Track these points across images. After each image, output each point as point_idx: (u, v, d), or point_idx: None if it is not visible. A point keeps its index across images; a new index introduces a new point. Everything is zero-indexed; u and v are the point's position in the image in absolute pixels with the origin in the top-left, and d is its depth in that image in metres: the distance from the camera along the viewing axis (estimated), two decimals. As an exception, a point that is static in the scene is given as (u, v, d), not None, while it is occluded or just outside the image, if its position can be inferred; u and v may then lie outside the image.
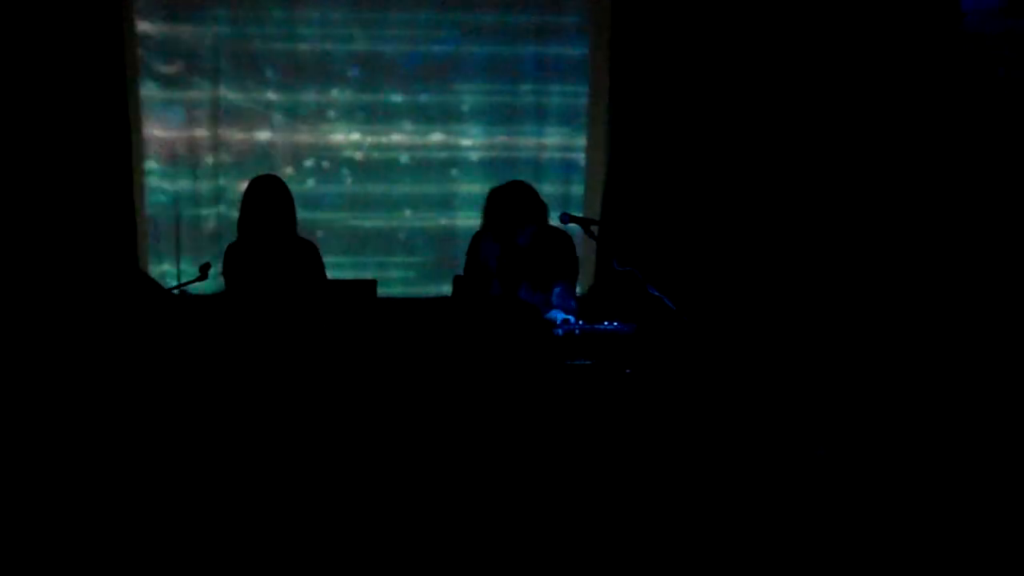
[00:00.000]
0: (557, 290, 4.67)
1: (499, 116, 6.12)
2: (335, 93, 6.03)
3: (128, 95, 5.79)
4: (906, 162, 5.70)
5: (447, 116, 6.10)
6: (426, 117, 6.08)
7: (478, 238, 4.75)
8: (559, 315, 4.51)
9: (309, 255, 4.64)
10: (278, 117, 5.99)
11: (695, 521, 3.88)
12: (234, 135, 5.97)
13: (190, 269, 5.70)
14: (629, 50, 6.00)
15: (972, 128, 5.57)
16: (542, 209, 4.66)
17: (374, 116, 6.06)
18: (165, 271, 5.96)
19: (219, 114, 5.93)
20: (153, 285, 5.45)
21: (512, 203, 4.63)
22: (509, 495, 4.00)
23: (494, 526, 3.82)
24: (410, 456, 4.28)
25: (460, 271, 4.93)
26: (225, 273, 4.67)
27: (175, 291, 5.00)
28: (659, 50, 5.96)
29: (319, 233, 5.87)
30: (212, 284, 5.09)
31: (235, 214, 5.82)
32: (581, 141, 6.18)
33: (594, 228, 4.69)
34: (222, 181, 5.98)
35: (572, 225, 4.62)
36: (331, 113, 6.04)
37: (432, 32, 6.03)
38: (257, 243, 4.60)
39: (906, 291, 5.60)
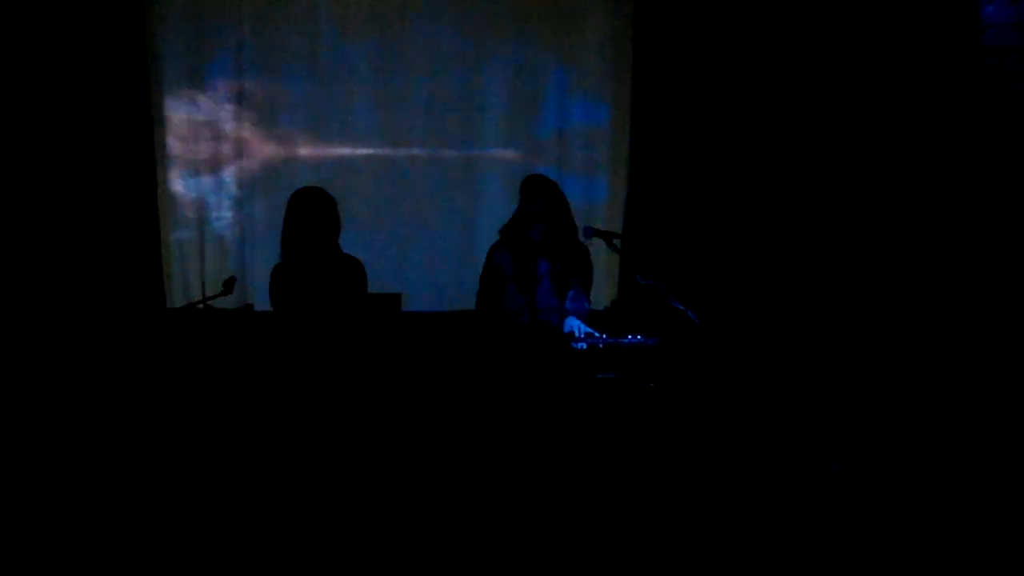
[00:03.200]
0: (570, 293, 4.70)
1: (521, 132, 6.13)
2: (356, 110, 6.07)
3: (152, 109, 5.84)
4: (929, 177, 5.68)
5: (469, 133, 6.12)
6: (448, 134, 6.10)
7: (493, 248, 4.83)
8: (575, 324, 4.51)
9: (354, 273, 4.47)
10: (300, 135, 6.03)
11: (716, 533, 3.87)
12: (256, 149, 6.01)
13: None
14: (651, 64, 6.02)
15: (993, 143, 5.54)
16: (555, 191, 4.69)
17: (394, 134, 6.08)
18: (190, 285, 5.98)
19: (242, 130, 5.98)
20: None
21: (526, 180, 4.75)
22: (532, 506, 4.00)
23: (516, 536, 3.82)
24: (435, 467, 4.29)
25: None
26: (272, 295, 4.49)
27: (200, 305, 5.03)
28: (681, 63, 5.97)
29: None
30: (236, 299, 5.13)
31: (257, 226, 5.97)
32: (603, 155, 6.19)
33: (617, 241, 4.69)
34: (246, 194, 6.02)
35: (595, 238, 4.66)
36: (352, 130, 6.07)
37: (454, 53, 6.06)
38: (301, 261, 4.42)
39: (934, 308, 5.56)
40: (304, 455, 4.23)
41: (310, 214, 4.39)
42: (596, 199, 6.17)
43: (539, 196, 4.63)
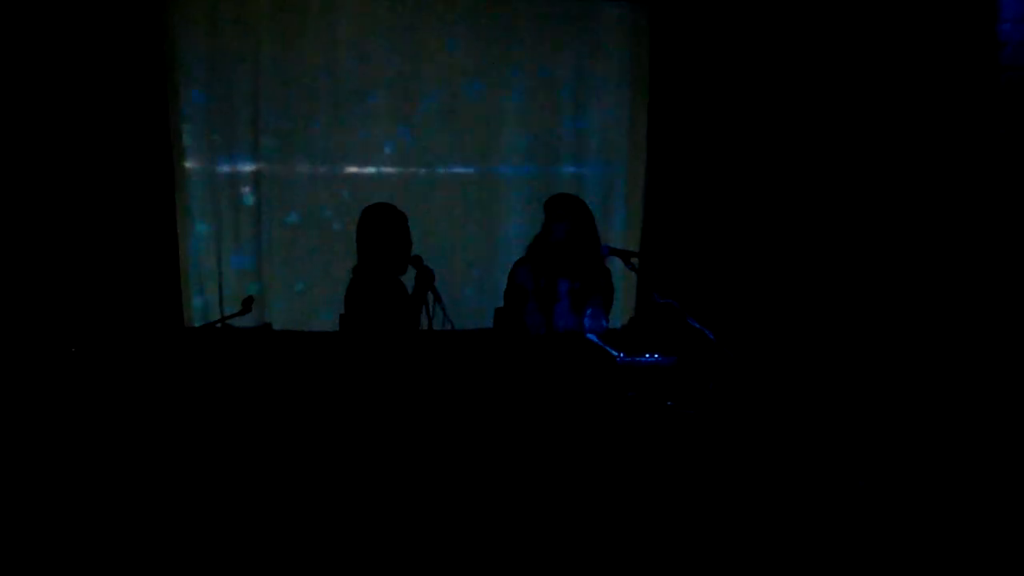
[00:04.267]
0: (589, 311, 4.69)
1: (538, 150, 6.16)
2: (374, 129, 6.09)
3: (171, 130, 5.88)
4: (949, 196, 5.66)
5: (487, 150, 6.14)
6: (466, 151, 6.12)
7: (516, 265, 4.82)
8: (593, 341, 4.51)
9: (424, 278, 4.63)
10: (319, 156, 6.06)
11: (738, 551, 3.86)
12: (275, 168, 6.04)
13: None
14: (667, 83, 6.04)
15: (1011, 159, 5.53)
16: (583, 210, 4.69)
17: (412, 152, 6.10)
18: (208, 303, 5.99)
19: (261, 149, 6.01)
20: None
21: (552, 198, 4.77)
22: (548, 521, 4.00)
23: (534, 550, 3.82)
24: (450, 483, 4.30)
25: (500, 303, 4.96)
26: (350, 301, 4.66)
27: (218, 325, 5.05)
28: (699, 79, 5.99)
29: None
30: (254, 318, 5.15)
31: (275, 245, 6.00)
32: (620, 174, 6.20)
33: (634, 260, 4.70)
34: (265, 212, 6.04)
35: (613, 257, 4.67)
36: (370, 148, 6.09)
37: (471, 71, 6.09)
38: (374, 273, 4.60)
39: (958, 326, 5.54)
40: (326, 474, 4.25)
41: (375, 229, 4.60)
42: (614, 217, 6.17)
43: (563, 217, 4.63)
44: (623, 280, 5.66)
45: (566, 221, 4.63)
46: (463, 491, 4.25)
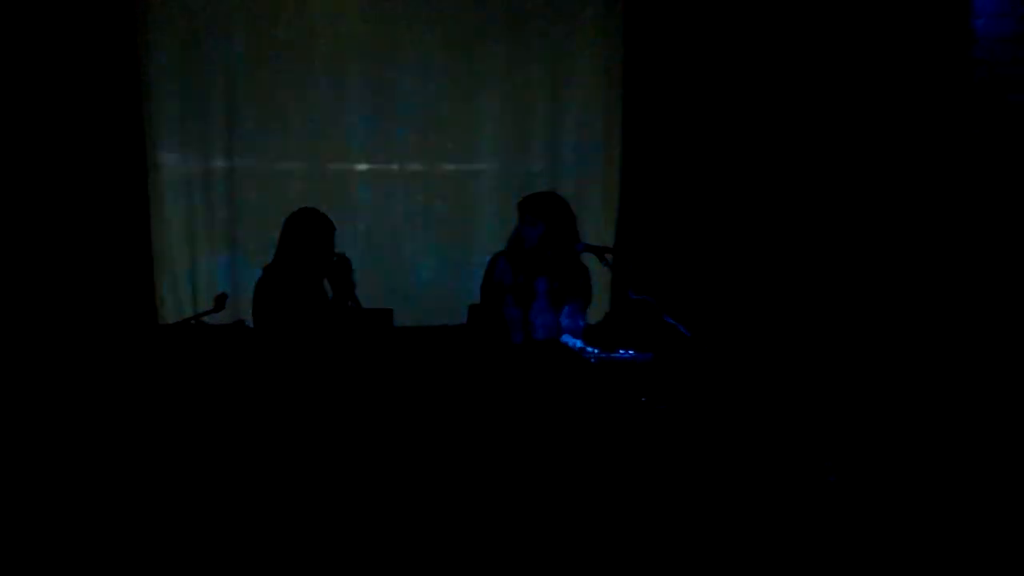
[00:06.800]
0: (566, 310, 4.65)
1: (513, 145, 6.15)
2: (349, 125, 6.07)
3: (144, 125, 5.83)
4: (921, 188, 5.70)
5: (461, 146, 6.13)
6: (440, 148, 6.11)
7: (495, 259, 4.76)
8: (570, 340, 4.50)
9: (341, 270, 4.55)
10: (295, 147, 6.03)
11: (711, 547, 3.87)
12: (249, 164, 6.01)
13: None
14: (641, 80, 6.05)
15: (983, 151, 5.56)
16: (557, 210, 4.63)
17: (387, 148, 6.08)
18: (181, 300, 5.95)
19: (235, 146, 5.97)
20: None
21: (524, 200, 4.67)
22: (525, 521, 4.00)
23: (509, 547, 3.82)
24: (430, 482, 4.29)
25: (474, 299, 4.94)
26: (258, 305, 4.56)
27: (192, 322, 5.03)
28: (672, 77, 6.00)
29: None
30: (229, 315, 5.12)
31: (250, 241, 5.96)
32: (595, 169, 6.20)
33: (608, 256, 4.69)
34: (238, 209, 6.01)
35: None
36: (345, 144, 6.06)
37: (447, 68, 6.08)
38: (292, 276, 4.50)
39: (928, 318, 5.57)
40: (298, 472, 4.23)
41: (301, 233, 4.49)
42: (588, 213, 6.16)
43: (535, 222, 4.56)
44: (598, 276, 5.65)
45: (538, 225, 4.55)
46: (445, 488, 4.26)
